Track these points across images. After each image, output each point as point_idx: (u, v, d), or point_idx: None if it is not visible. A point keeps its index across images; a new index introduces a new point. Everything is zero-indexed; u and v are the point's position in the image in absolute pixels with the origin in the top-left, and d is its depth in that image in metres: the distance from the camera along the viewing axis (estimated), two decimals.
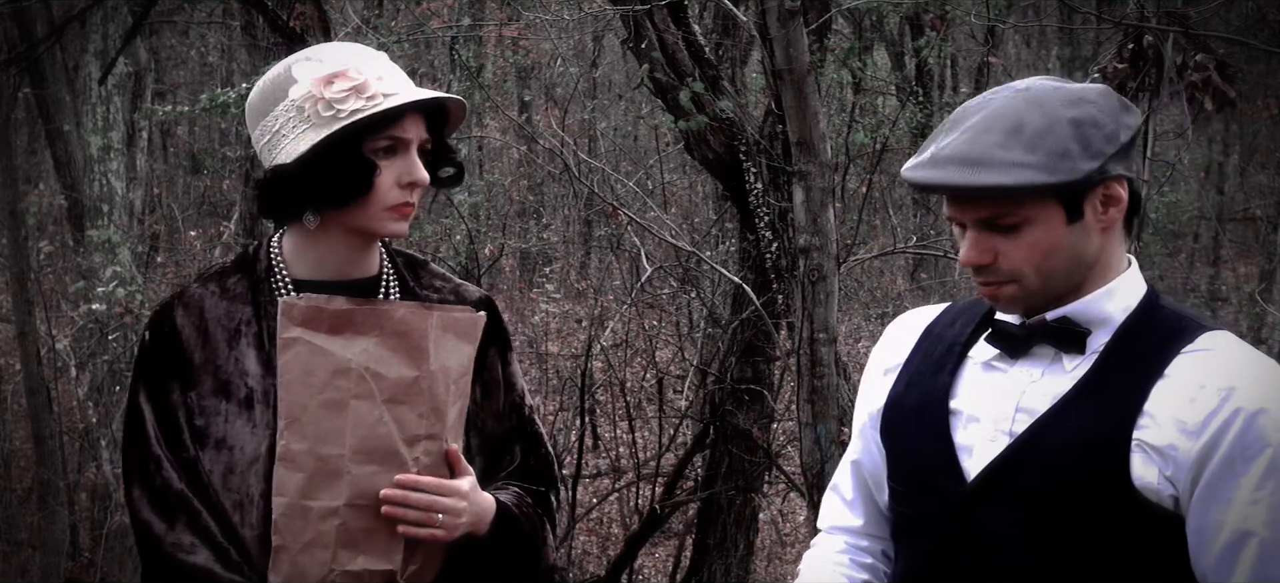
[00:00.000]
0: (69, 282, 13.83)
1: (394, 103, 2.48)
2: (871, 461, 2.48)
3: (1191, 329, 2.22)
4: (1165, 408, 2.15)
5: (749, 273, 8.61)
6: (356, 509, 2.47)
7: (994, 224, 2.19)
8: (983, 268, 2.21)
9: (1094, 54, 12.72)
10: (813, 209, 5.86)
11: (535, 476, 2.73)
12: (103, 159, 12.92)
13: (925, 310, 2.50)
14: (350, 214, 2.53)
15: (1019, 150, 2.14)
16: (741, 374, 9.03)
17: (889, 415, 2.41)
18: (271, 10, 7.89)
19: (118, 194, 13.03)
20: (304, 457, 2.47)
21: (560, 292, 15.26)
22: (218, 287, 2.60)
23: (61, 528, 11.20)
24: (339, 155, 2.49)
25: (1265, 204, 16.82)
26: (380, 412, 2.48)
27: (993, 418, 2.27)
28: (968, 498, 2.26)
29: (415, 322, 2.52)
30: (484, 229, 14.03)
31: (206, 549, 2.48)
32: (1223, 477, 2.12)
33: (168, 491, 2.51)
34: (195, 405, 2.54)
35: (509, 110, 14.98)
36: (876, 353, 2.50)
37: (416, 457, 2.48)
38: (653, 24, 7.46)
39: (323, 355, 2.49)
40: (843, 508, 2.54)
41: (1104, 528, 2.17)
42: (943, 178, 2.17)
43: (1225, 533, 2.13)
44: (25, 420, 12.34)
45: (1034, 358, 2.27)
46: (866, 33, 11.91)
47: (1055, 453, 2.20)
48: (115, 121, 13.15)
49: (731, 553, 9.18)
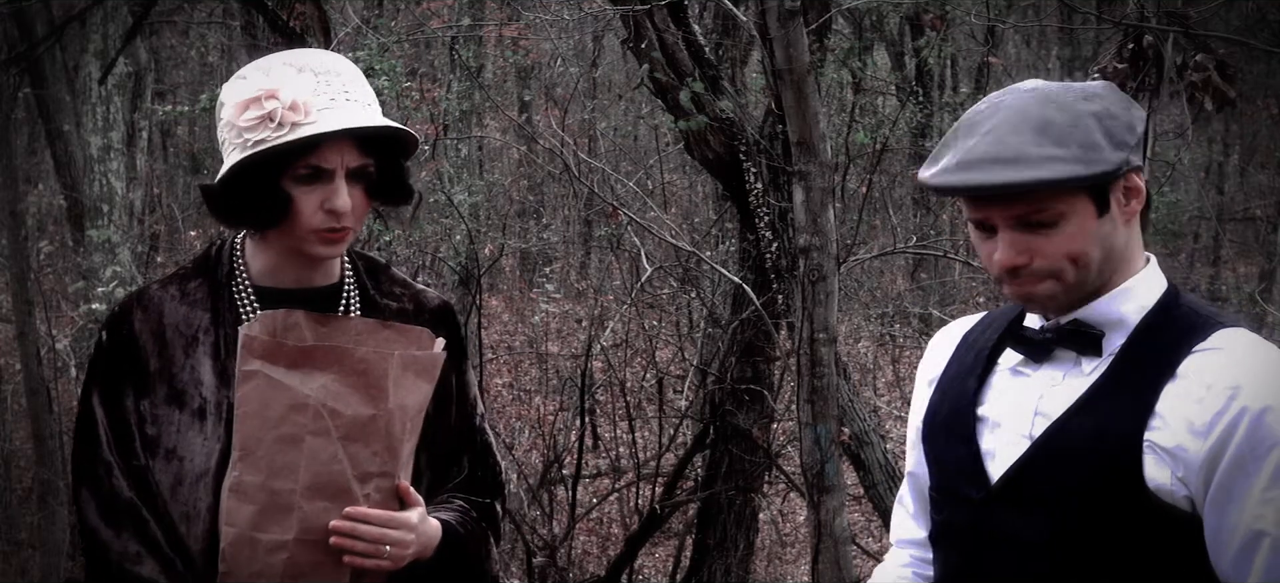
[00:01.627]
0: (69, 282, 13.83)
1: (301, 134, 2.43)
2: (923, 472, 2.48)
3: (1205, 327, 2.21)
4: (1175, 409, 2.15)
5: (749, 273, 8.61)
6: (305, 544, 2.46)
7: (1028, 223, 2.18)
8: (1019, 269, 2.20)
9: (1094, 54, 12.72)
10: (813, 209, 5.86)
11: (481, 487, 2.71)
12: (103, 159, 12.91)
13: (966, 320, 2.51)
14: (280, 233, 2.53)
15: (1051, 145, 2.15)
16: (741, 374, 9.03)
17: (927, 426, 2.43)
18: (271, 10, 7.88)
19: (118, 194, 13.02)
20: (256, 490, 2.46)
21: (560, 292, 15.27)
22: (178, 290, 2.59)
23: (61, 528, 11.19)
24: (253, 184, 2.47)
25: (1265, 204, 16.81)
26: (335, 448, 2.47)
27: (1014, 423, 2.27)
28: (989, 503, 2.26)
29: (376, 362, 2.49)
30: (484, 229, 14.02)
31: (153, 560, 2.48)
32: (1234, 478, 2.12)
33: (116, 498, 2.50)
34: (148, 414, 2.53)
35: (509, 110, 14.98)
36: (923, 365, 2.51)
37: (367, 493, 2.47)
38: (653, 24, 7.46)
39: (281, 390, 2.47)
40: (908, 521, 2.55)
41: (1122, 530, 2.17)
42: (982, 178, 2.15)
43: (1239, 534, 2.13)
44: (25, 420, 12.34)
45: (1057, 362, 2.27)
46: (866, 33, 11.91)
47: (1069, 456, 2.20)
48: (115, 121, 13.14)
49: (731, 553, 9.18)
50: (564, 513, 10.30)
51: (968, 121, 2.22)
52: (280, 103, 2.44)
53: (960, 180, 2.17)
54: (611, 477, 11.65)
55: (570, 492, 10.41)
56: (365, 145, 2.50)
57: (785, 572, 11.36)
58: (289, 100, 2.44)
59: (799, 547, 11.57)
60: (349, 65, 2.57)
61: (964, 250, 11.70)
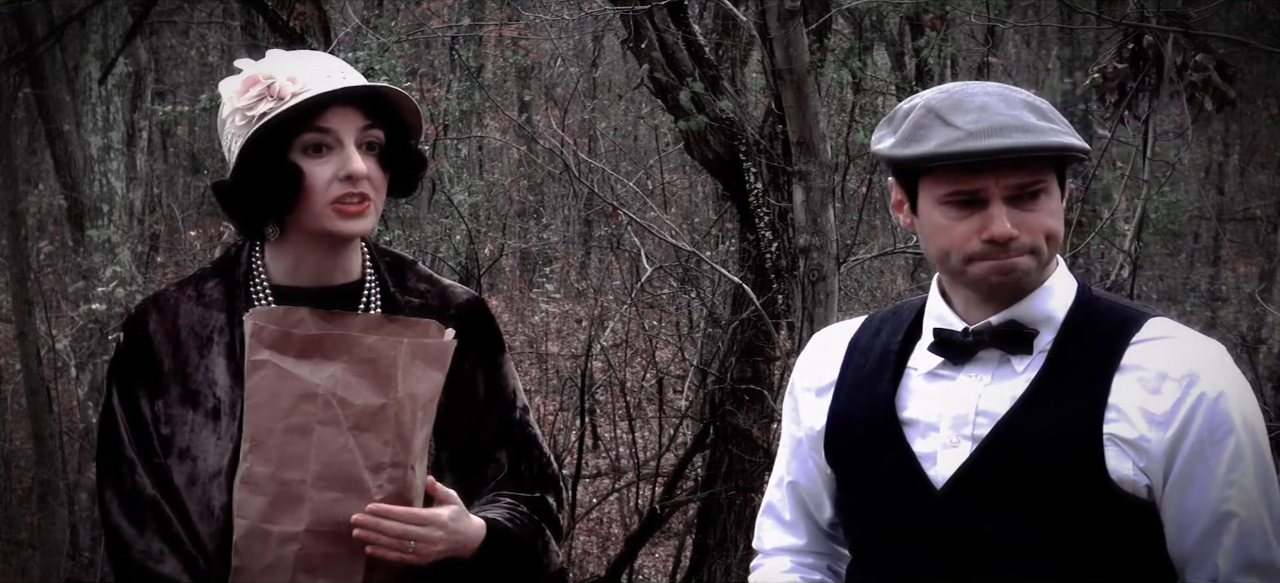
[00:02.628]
0: (69, 282, 13.83)
1: (302, 98, 2.44)
2: (810, 480, 2.48)
3: (1135, 318, 2.27)
4: (1130, 400, 2.20)
5: (749, 273, 8.61)
6: (317, 535, 2.45)
7: (1023, 194, 2.22)
8: (1011, 241, 2.21)
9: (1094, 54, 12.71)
10: (813, 209, 5.86)
11: (530, 482, 2.68)
12: (103, 159, 12.92)
13: (842, 326, 2.51)
14: (299, 219, 2.51)
15: (1046, 120, 2.22)
16: (741, 374, 9.03)
17: (834, 434, 2.41)
18: (271, 10, 7.89)
19: (118, 194, 13.03)
20: (266, 481, 2.45)
21: (560, 292, 15.26)
22: (195, 291, 2.58)
23: (61, 528, 11.20)
24: (262, 161, 2.46)
25: (1265, 204, 16.80)
26: (345, 438, 2.46)
27: (951, 425, 2.28)
28: (939, 506, 2.27)
29: (384, 349, 2.48)
30: (484, 229, 14.03)
31: (175, 558, 2.48)
32: (1195, 463, 2.19)
33: (140, 496, 2.50)
34: (162, 414, 2.53)
35: (509, 110, 14.98)
36: (803, 373, 2.49)
37: (380, 484, 2.46)
38: (653, 24, 7.46)
39: (290, 379, 2.46)
40: (781, 530, 2.54)
41: (1081, 522, 2.21)
42: (1008, 142, 2.18)
43: (1205, 517, 2.19)
44: (25, 420, 12.34)
45: (980, 363, 2.29)
46: (866, 33, 11.91)
47: (1025, 453, 2.22)
48: (115, 121, 13.15)
49: (731, 553, 9.18)
50: (564, 513, 10.29)
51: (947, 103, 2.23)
52: (277, 76, 2.45)
53: (985, 145, 2.18)
54: (611, 477, 11.66)
55: (570, 492, 10.41)
56: (370, 116, 2.50)
57: None
58: (287, 74, 2.46)
59: None
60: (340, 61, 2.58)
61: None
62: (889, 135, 2.28)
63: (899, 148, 2.24)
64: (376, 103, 2.52)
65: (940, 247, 2.26)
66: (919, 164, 2.23)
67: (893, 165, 2.30)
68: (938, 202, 2.25)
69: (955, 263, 2.26)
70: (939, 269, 2.33)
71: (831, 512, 2.48)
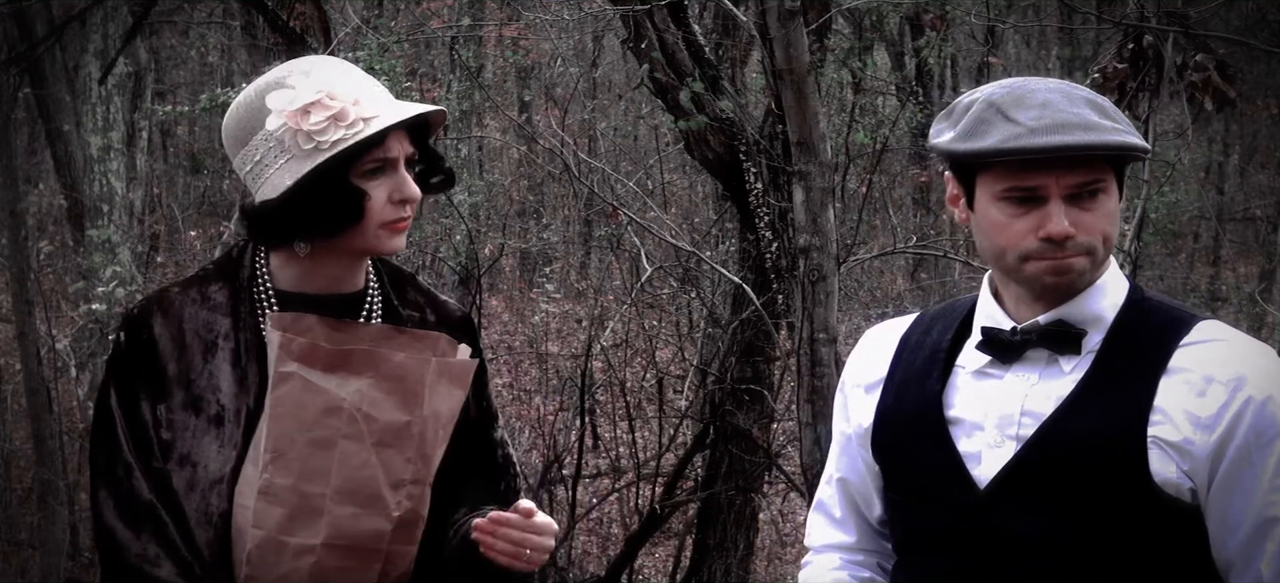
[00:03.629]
0: (69, 282, 13.84)
1: (377, 127, 2.44)
2: (859, 477, 2.47)
3: (1185, 321, 2.25)
4: (1176, 403, 2.18)
5: (749, 273, 8.61)
6: (332, 549, 2.45)
7: (1083, 192, 2.20)
8: (1068, 240, 2.20)
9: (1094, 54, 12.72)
10: (813, 209, 5.86)
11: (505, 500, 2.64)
12: (103, 159, 12.92)
13: (894, 324, 2.50)
14: (345, 239, 2.51)
15: (1108, 119, 2.19)
16: (741, 374, 9.03)
17: (882, 431, 2.40)
18: (271, 10, 7.89)
19: (118, 194, 13.03)
20: (287, 492, 2.45)
21: (560, 292, 15.26)
22: (199, 293, 2.56)
23: (61, 528, 11.20)
24: (326, 187, 2.45)
25: (1265, 204, 16.81)
26: (368, 454, 2.46)
27: (997, 424, 2.27)
28: (982, 506, 2.26)
29: (413, 367, 2.48)
30: (484, 229, 14.04)
31: (171, 563, 2.46)
32: (1241, 467, 2.16)
33: (136, 499, 2.48)
34: (164, 419, 2.50)
35: (509, 110, 14.99)
36: (854, 369, 2.48)
37: (399, 501, 2.46)
38: (653, 24, 7.47)
39: (316, 392, 2.46)
40: (831, 527, 2.53)
41: (1124, 524, 2.19)
42: (1073, 139, 2.16)
43: (1249, 522, 2.17)
44: (25, 420, 12.34)
45: (1028, 363, 2.28)
46: (866, 33, 11.91)
47: (1069, 454, 2.21)
48: (115, 121, 13.15)
49: (731, 553, 9.18)
50: (564, 513, 10.30)
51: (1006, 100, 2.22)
52: (344, 101, 2.44)
53: (1052, 142, 2.16)
54: (611, 477, 11.65)
55: (570, 492, 10.41)
56: (412, 133, 2.52)
57: (785, 572, 11.35)
58: (352, 97, 2.45)
59: (799, 547, 11.56)
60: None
61: (964, 250, 11.70)
62: (949, 129, 2.26)
63: (959, 142, 2.22)
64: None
65: (996, 244, 2.24)
66: (979, 160, 2.21)
67: (951, 160, 2.27)
68: (995, 198, 2.23)
69: (1011, 261, 2.24)
70: (993, 266, 2.31)
71: (882, 509, 2.47)
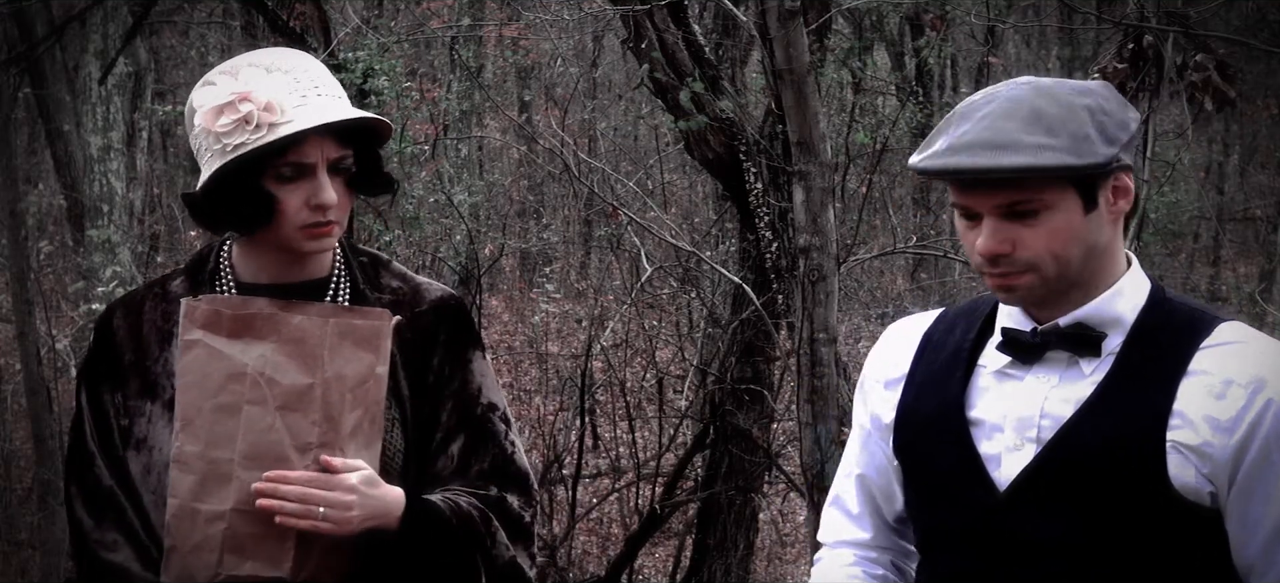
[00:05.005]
0: (69, 282, 13.84)
1: (283, 133, 2.43)
2: (880, 472, 2.45)
3: (1206, 322, 2.22)
4: (1195, 406, 2.16)
5: (749, 273, 8.61)
6: (243, 515, 2.45)
7: (1014, 211, 2.17)
8: (1001, 258, 2.18)
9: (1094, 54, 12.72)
10: (813, 209, 5.86)
11: (480, 477, 2.62)
12: (103, 159, 12.92)
13: (918, 319, 2.48)
14: (267, 236, 2.52)
15: (1042, 134, 2.14)
16: (741, 374, 9.03)
17: (903, 429, 2.38)
18: (271, 10, 7.89)
19: (118, 194, 13.03)
20: (196, 459, 2.47)
21: (560, 292, 15.27)
22: (160, 290, 2.62)
23: (61, 528, 11.16)
24: (236, 186, 2.46)
25: (1265, 204, 16.82)
26: (272, 418, 2.46)
27: (1016, 427, 2.25)
28: (1001, 508, 2.25)
29: (311, 329, 2.49)
30: (484, 229, 14.03)
31: (129, 548, 2.51)
32: (1261, 470, 2.15)
33: (98, 488, 2.54)
34: (121, 406, 2.56)
35: (509, 110, 14.99)
36: (875, 365, 2.47)
37: (307, 464, 2.45)
38: (653, 24, 7.46)
39: (220, 359, 2.48)
40: (848, 522, 2.51)
41: (1142, 528, 2.18)
42: (969, 162, 2.14)
43: (1269, 524, 2.16)
44: (25, 420, 12.34)
45: (1048, 364, 2.26)
46: (866, 33, 11.92)
47: (1088, 457, 2.19)
48: (115, 121, 13.15)
49: (731, 553, 9.18)
50: (564, 513, 10.30)
51: (963, 110, 2.22)
52: (254, 105, 2.43)
53: (947, 163, 2.16)
54: (611, 477, 11.65)
55: (570, 492, 10.41)
56: (342, 137, 2.50)
57: (785, 572, 11.35)
58: (263, 101, 2.44)
59: (799, 547, 11.56)
60: (315, 62, 2.56)
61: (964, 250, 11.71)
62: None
63: (918, 151, 2.23)
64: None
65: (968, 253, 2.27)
66: (918, 172, 2.22)
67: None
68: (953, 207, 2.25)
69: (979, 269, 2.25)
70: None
71: (902, 506, 2.45)
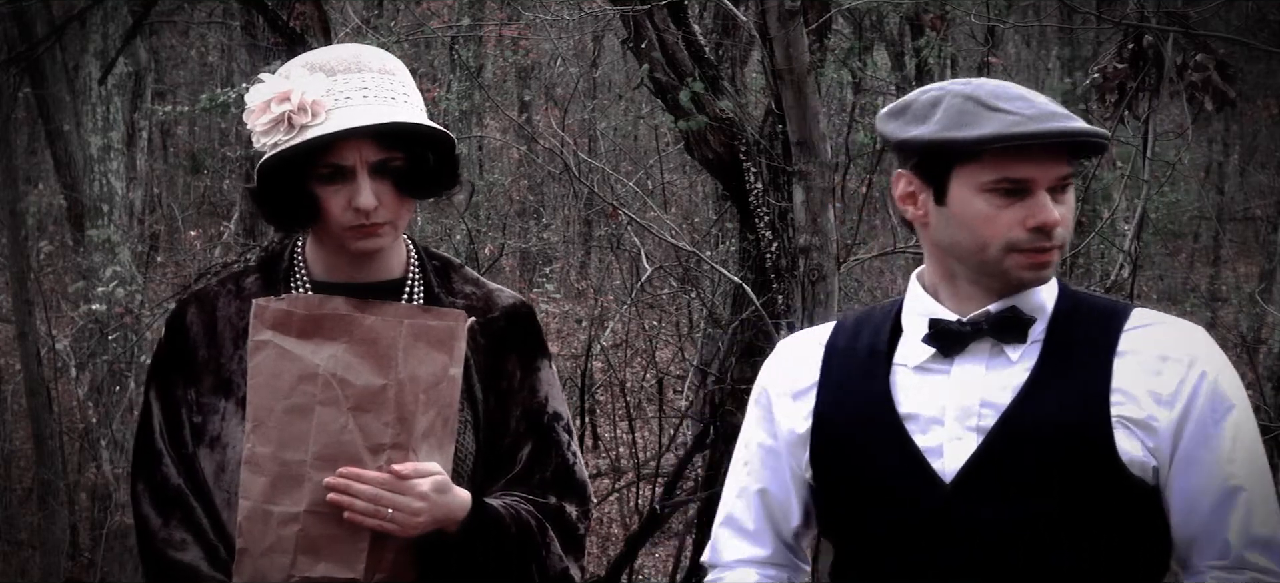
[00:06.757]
0: (69, 282, 13.83)
1: (308, 136, 2.43)
2: (782, 488, 2.45)
3: (1120, 308, 2.33)
4: (1135, 382, 2.24)
5: (749, 273, 8.61)
6: (317, 516, 2.44)
7: (1063, 185, 2.25)
8: (1054, 231, 2.24)
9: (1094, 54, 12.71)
10: (813, 209, 5.87)
11: (542, 485, 2.64)
12: (103, 159, 12.91)
13: (809, 333, 2.50)
14: (321, 234, 2.53)
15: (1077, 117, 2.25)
16: (741, 374, 9.01)
17: (823, 438, 2.38)
18: (271, 10, 7.88)
19: (118, 194, 13.02)
20: (268, 461, 2.46)
21: (560, 292, 15.27)
22: (234, 286, 2.62)
23: (61, 528, 11.19)
24: (281, 185, 2.48)
25: (1265, 204, 16.80)
26: (345, 419, 2.46)
27: (957, 416, 2.28)
28: (949, 499, 2.26)
29: (384, 329, 2.48)
30: (484, 229, 14.03)
31: (197, 547, 2.50)
32: (1198, 441, 2.23)
33: (166, 486, 2.53)
34: (195, 403, 2.55)
35: (509, 110, 14.98)
36: (775, 378, 2.46)
37: (380, 465, 2.45)
38: (653, 24, 7.46)
39: (291, 359, 2.47)
40: (744, 541, 2.50)
41: (1090, 506, 2.23)
42: (1073, 125, 2.21)
43: (1212, 493, 2.23)
44: (25, 420, 12.33)
45: (972, 354, 2.30)
46: (866, 33, 11.91)
47: (1035, 439, 2.24)
48: (115, 121, 13.14)
49: None
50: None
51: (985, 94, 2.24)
52: (290, 105, 2.44)
53: (1057, 127, 2.20)
54: (611, 477, 11.65)
55: None
56: (389, 139, 2.48)
57: None
58: (298, 102, 2.44)
59: None
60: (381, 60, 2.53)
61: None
62: (917, 123, 2.26)
63: (948, 132, 2.22)
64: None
65: (980, 236, 2.25)
66: (980, 147, 2.21)
67: (928, 152, 2.26)
68: (981, 190, 2.23)
69: (994, 253, 2.25)
70: (967, 260, 2.29)
71: (799, 521, 2.46)
